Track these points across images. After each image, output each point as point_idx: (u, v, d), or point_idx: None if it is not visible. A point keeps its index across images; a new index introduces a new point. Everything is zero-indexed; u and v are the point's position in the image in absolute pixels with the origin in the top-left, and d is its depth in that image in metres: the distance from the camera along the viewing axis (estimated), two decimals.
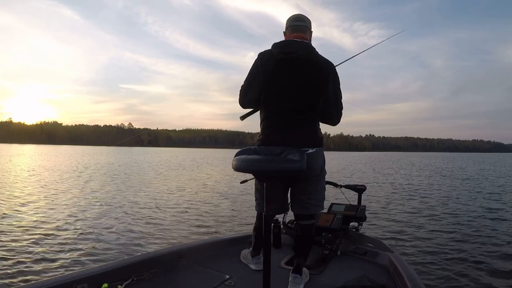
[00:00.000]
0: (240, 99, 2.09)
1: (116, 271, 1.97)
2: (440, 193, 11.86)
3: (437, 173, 22.60)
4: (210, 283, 2.04)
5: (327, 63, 1.97)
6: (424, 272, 4.10)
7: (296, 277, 1.98)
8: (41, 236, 5.33)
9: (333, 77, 1.97)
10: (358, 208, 3.02)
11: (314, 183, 2.02)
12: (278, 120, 1.96)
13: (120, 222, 6.39)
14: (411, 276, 1.98)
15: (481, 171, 25.40)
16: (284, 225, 2.89)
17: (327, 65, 1.96)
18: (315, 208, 2.05)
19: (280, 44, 1.98)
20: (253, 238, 2.30)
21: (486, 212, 8.19)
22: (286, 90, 1.93)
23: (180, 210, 7.82)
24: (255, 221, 2.28)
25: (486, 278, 4.01)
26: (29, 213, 7.02)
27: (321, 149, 2.02)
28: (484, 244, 5.39)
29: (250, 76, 2.01)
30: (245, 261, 2.34)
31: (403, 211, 8.14)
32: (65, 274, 1.85)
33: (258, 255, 2.25)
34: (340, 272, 2.25)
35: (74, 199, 9.02)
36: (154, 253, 2.33)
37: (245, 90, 2.04)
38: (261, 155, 1.74)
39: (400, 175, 20.18)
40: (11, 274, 3.81)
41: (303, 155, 1.64)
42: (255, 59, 2.00)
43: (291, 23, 2.05)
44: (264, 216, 1.61)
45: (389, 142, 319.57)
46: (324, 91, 1.96)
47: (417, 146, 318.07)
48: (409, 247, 5.14)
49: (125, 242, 5.17)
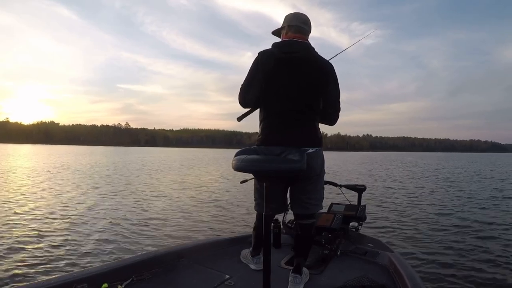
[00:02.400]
0: (240, 98, 2.06)
1: (116, 271, 1.97)
2: (440, 193, 11.88)
3: (436, 173, 22.63)
4: (210, 283, 2.04)
5: (326, 63, 1.99)
6: (424, 272, 4.10)
7: (296, 277, 1.98)
8: (41, 236, 5.32)
9: (332, 77, 1.99)
10: (358, 208, 3.02)
11: (314, 183, 2.03)
12: (278, 120, 1.97)
13: (120, 222, 6.38)
14: (411, 276, 1.98)
15: (481, 172, 25.36)
16: (284, 225, 2.89)
17: (327, 65, 1.99)
18: (314, 208, 2.06)
19: (280, 44, 1.99)
20: (252, 238, 2.30)
21: (486, 212, 8.21)
22: (286, 89, 1.94)
23: (180, 210, 7.81)
24: (255, 221, 2.28)
25: (486, 278, 4.02)
26: (28, 213, 6.99)
27: (321, 148, 2.03)
28: (484, 244, 5.40)
29: (250, 75, 2.00)
30: (245, 261, 2.34)
31: (403, 211, 8.15)
32: (65, 274, 1.84)
33: (258, 255, 2.25)
34: (340, 272, 2.25)
35: (74, 199, 8.99)
36: (154, 253, 2.32)
37: (246, 89, 2.02)
38: (261, 155, 1.75)
39: (400, 175, 20.19)
40: (11, 274, 3.79)
41: (303, 155, 1.65)
42: (256, 58, 2.00)
43: (294, 22, 2.04)
44: (264, 216, 1.62)
45: (387, 142, 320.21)
46: (324, 92, 1.99)
47: (415, 146, 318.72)
48: (409, 247, 5.14)
49: (125, 242, 5.17)
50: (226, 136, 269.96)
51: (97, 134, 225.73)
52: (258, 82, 1.97)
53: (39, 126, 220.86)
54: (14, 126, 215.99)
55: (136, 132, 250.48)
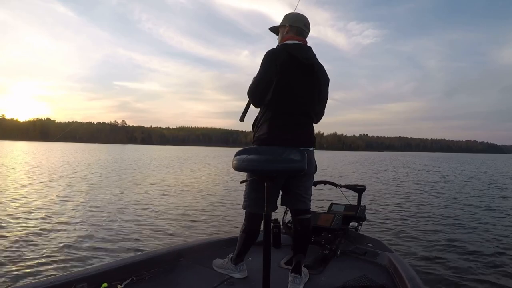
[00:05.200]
0: (256, 98, 2.00)
1: (116, 270, 1.96)
2: (440, 193, 11.88)
3: (436, 173, 22.63)
4: (210, 283, 2.04)
5: (324, 68, 2.11)
6: (424, 272, 4.10)
7: (296, 277, 1.99)
8: (41, 235, 5.27)
9: (328, 80, 2.12)
10: (358, 208, 3.03)
11: (310, 179, 2.10)
12: (288, 120, 1.97)
13: (120, 222, 6.33)
14: (411, 276, 1.99)
15: (480, 172, 25.39)
16: (284, 225, 2.89)
17: (325, 70, 2.11)
18: (309, 203, 2.11)
19: (295, 47, 1.99)
20: (238, 244, 2.16)
21: (486, 212, 8.22)
22: (297, 92, 1.97)
23: (180, 210, 7.76)
24: (244, 224, 2.14)
25: (486, 278, 4.03)
26: (27, 212, 6.93)
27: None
28: (484, 244, 5.41)
29: (268, 73, 1.94)
30: (223, 271, 2.20)
31: (403, 211, 8.14)
32: (65, 274, 1.83)
33: (242, 262, 2.17)
34: (339, 272, 2.25)
35: (73, 198, 8.92)
36: (154, 253, 2.32)
37: (265, 89, 1.96)
38: (263, 155, 1.73)
39: (399, 176, 20.16)
40: (11, 274, 3.76)
41: (304, 154, 1.66)
42: (268, 58, 1.96)
43: (297, 24, 2.06)
44: (264, 216, 1.61)
45: (383, 142, 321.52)
46: (324, 95, 2.11)
47: (411, 146, 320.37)
48: (409, 247, 5.13)
49: (125, 242, 5.13)
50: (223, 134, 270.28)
51: (93, 132, 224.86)
52: (271, 83, 1.94)
53: (35, 123, 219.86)
54: (10, 123, 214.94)
55: (132, 129, 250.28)
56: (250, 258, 2.32)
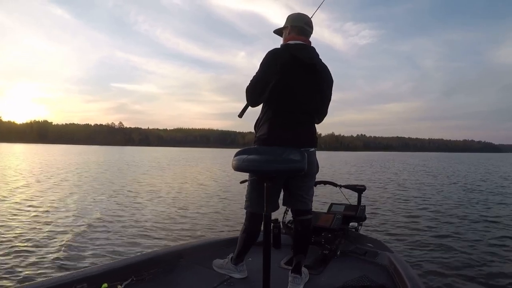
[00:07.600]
0: (254, 97, 1.99)
1: (116, 271, 1.96)
2: (440, 194, 11.87)
3: (435, 174, 22.59)
4: (210, 283, 2.04)
5: (329, 72, 2.11)
6: (424, 272, 4.10)
7: (296, 277, 1.99)
8: (40, 236, 5.26)
9: (332, 81, 2.12)
10: (358, 208, 3.03)
11: (312, 180, 2.09)
12: (289, 119, 1.97)
13: (120, 222, 6.33)
14: (411, 276, 1.99)
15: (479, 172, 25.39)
16: (284, 225, 2.89)
17: (330, 73, 2.11)
18: (310, 203, 2.10)
19: (297, 47, 1.99)
20: (239, 244, 2.17)
21: (486, 213, 8.22)
22: (298, 92, 1.97)
23: (180, 210, 7.77)
24: (245, 224, 2.15)
25: (485, 278, 4.03)
26: (27, 213, 6.94)
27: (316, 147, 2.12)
28: (484, 244, 5.41)
29: (266, 74, 1.94)
30: (223, 271, 2.21)
31: (403, 211, 8.14)
32: (65, 274, 1.83)
33: (242, 262, 2.18)
34: (339, 272, 2.25)
35: (73, 198, 8.91)
36: (154, 253, 2.32)
37: (263, 88, 1.95)
38: (262, 154, 1.72)
39: (399, 176, 20.15)
40: (11, 274, 3.76)
41: (304, 155, 1.66)
42: (268, 58, 1.95)
43: (297, 23, 2.07)
44: (264, 216, 1.61)
45: (381, 142, 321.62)
46: (327, 95, 2.12)
47: (408, 146, 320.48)
48: (409, 247, 5.14)
49: (125, 242, 5.13)
50: (220, 135, 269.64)
51: (91, 134, 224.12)
52: (271, 82, 1.93)
53: (33, 125, 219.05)
54: (7, 125, 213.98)
55: (130, 131, 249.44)
56: (250, 259, 2.32)
